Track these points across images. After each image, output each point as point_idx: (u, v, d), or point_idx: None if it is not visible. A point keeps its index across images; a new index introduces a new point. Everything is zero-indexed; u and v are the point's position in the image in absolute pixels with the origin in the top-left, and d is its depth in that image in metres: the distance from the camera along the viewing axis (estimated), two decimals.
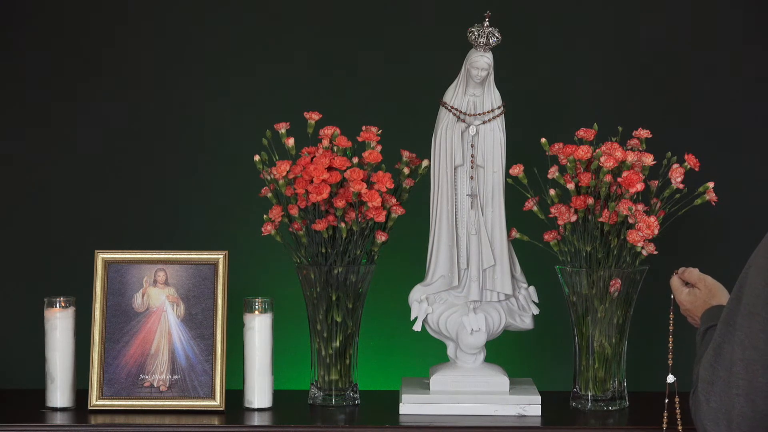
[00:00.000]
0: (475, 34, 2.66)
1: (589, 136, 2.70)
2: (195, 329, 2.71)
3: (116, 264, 2.74)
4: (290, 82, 3.14)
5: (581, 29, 3.14)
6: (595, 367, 2.71)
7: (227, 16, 3.14)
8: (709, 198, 2.68)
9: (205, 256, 2.75)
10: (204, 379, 2.69)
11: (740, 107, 3.14)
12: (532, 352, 3.11)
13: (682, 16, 3.14)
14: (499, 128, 2.69)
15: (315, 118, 2.74)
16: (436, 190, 2.69)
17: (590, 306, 2.69)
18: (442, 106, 2.69)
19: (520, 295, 2.74)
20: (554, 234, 2.71)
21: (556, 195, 2.70)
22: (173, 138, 3.15)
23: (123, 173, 3.14)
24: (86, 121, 3.14)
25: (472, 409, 2.65)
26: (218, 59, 3.14)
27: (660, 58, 3.14)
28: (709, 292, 2.39)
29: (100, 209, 3.14)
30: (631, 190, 2.62)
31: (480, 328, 2.69)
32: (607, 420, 2.64)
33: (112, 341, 2.71)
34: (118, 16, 3.14)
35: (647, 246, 2.62)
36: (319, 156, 2.67)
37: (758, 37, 3.14)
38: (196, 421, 2.61)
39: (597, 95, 3.14)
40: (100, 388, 2.69)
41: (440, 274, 2.70)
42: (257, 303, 2.70)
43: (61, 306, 2.70)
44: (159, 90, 3.14)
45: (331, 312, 2.72)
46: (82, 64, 3.13)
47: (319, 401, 2.75)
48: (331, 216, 2.69)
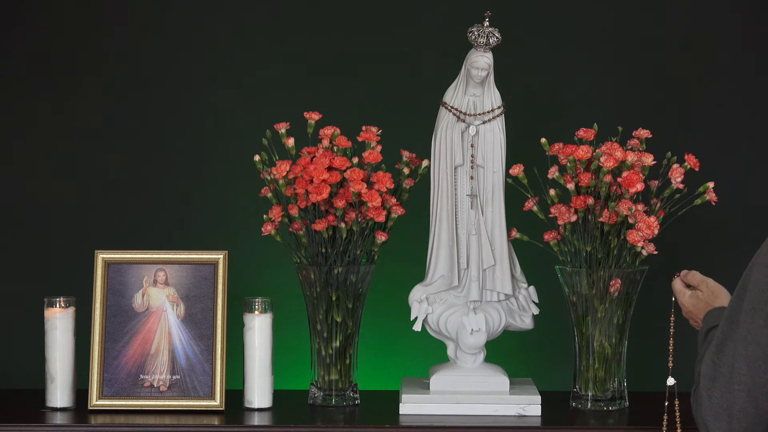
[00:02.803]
0: (475, 34, 2.66)
1: (589, 136, 2.70)
2: (195, 329, 2.71)
3: (116, 264, 2.74)
4: (290, 82, 3.14)
5: (581, 29, 3.14)
6: (595, 367, 2.71)
7: (227, 16, 3.14)
8: (709, 198, 2.68)
9: (205, 256, 2.75)
10: (204, 379, 2.69)
11: (740, 107, 3.14)
12: (532, 352, 3.11)
13: (682, 16, 3.14)
14: (499, 128, 2.69)
15: (315, 118, 2.74)
16: (436, 190, 2.69)
17: (590, 306, 2.69)
18: (442, 106, 2.69)
19: (520, 295, 2.74)
20: (554, 234, 2.71)
21: (556, 195, 2.70)
22: (173, 138, 3.15)
23: (123, 173, 3.14)
24: (86, 120, 3.14)
25: (472, 409, 2.65)
26: (218, 59, 3.14)
27: (660, 58, 3.14)
28: (712, 294, 2.39)
29: (100, 209, 3.14)
30: (631, 190, 2.62)
31: (480, 328, 2.69)
32: (607, 420, 2.64)
33: (112, 341, 2.71)
34: (118, 16, 3.14)
35: (647, 246, 2.62)
36: (319, 156, 2.67)
37: (758, 38, 3.14)
38: (196, 421, 2.61)
39: (597, 95, 3.14)
40: (100, 388, 2.69)
41: (440, 274, 2.70)
42: (257, 303, 2.70)
43: (61, 306, 2.70)
44: (159, 90, 3.14)
45: (331, 312, 2.72)
46: (82, 64, 3.13)
47: (319, 401, 2.75)
48: (331, 216, 2.69)
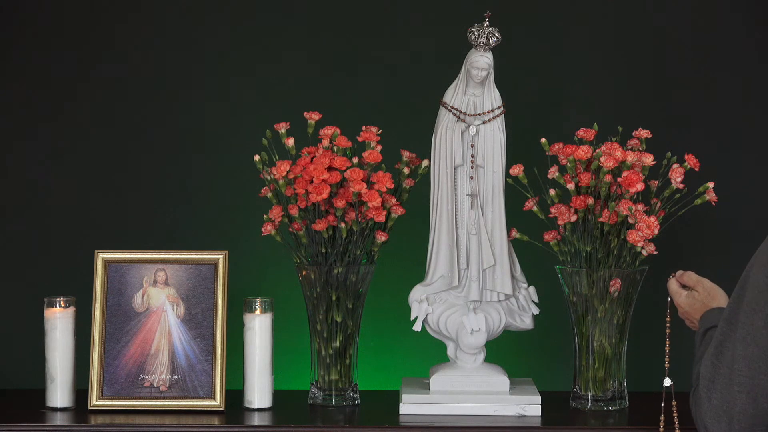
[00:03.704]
0: (475, 34, 2.66)
1: (589, 136, 2.70)
2: (195, 329, 2.71)
3: (116, 264, 2.74)
4: (290, 82, 3.14)
5: (581, 29, 3.14)
6: (595, 367, 2.71)
7: (227, 16, 3.14)
8: (709, 198, 2.68)
9: (205, 256, 2.74)
10: (204, 379, 2.69)
11: (740, 107, 3.14)
12: (532, 352, 3.11)
13: (683, 16, 3.14)
14: (499, 128, 2.69)
15: (315, 118, 2.74)
16: (436, 190, 2.69)
17: (590, 306, 2.69)
18: (442, 106, 2.69)
19: (520, 295, 2.74)
20: (554, 234, 2.71)
21: (556, 195, 2.70)
22: (173, 138, 3.15)
23: (123, 173, 3.14)
24: (86, 120, 3.14)
25: (472, 409, 2.65)
26: (218, 59, 3.14)
27: (660, 58, 3.14)
28: (708, 295, 2.38)
29: (100, 209, 3.14)
30: (631, 190, 2.62)
31: (480, 328, 2.69)
32: (607, 420, 2.64)
33: (112, 341, 2.71)
34: (118, 16, 3.14)
35: (647, 246, 2.62)
36: (319, 156, 2.67)
37: (758, 37, 3.14)
38: (196, 421, 2.61)
39: (597, 95, 3.14)
40: (100, 388, 2.69)
41: (440, 274, 2.70)
42: (257, 303, 2.70)
43: (61, 306, 2.70)
44: (159, 90, 3.14)
45: (331, 312, 2.72)
46: (82, 64, 3.13)
47: (319, 401, 2.75)
48: (331, 216, 2.69)
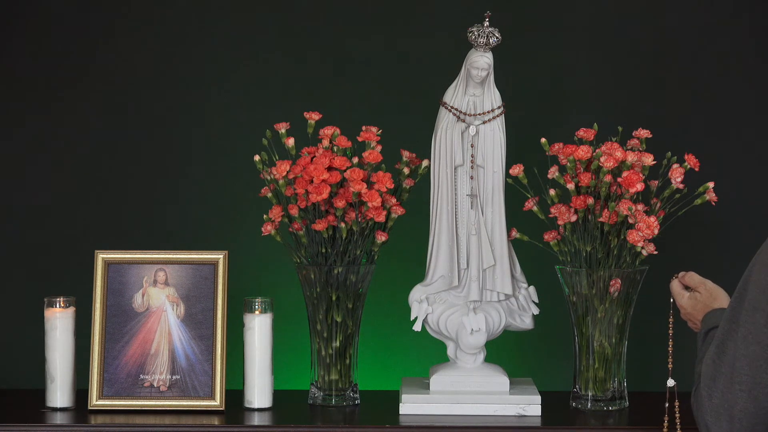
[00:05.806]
0: (475, 34, 2.66)
1: (589, 136, 2.70)
2: (195, 329, 2.71)
3: (116, 264, 2.74)
4: (291, 81, 3.14)
5: (581, 29, 3.14)
6: (595, 367, 2.71)
7: (227, 15, 3.14)
8: (709, 198, 2.68)
9: (205, 256, 2.74)
10: (204, 379, 2.69)
11: (740, 107, 3.14)
12: (532, 352, 3.11)
13: (683, 16, 3.14)
14: (499, 128, 2.69)
15: (315, 118, 2.74)
16: (436, 190, 2.69)
17: (590, 306, 2.69)
18: (442, 106, 2.69)
19: (520, 295, 2.74)
20: (554, 234, 2.71)
21: (556, 195, 2.70)
22: (173, 138, 3.15)
23: (123, 173, 3.14)
24: (86, 120, 3.13)
25: (472, 409, 2.65)
26: (218, 59, 3.14)
27: (660, 58, 3.14)
28: (710, 296, 2.38)
29: (100, 209, 3.14)
30: (631, 190, 2.62)
31: (480, 328, 2.69)
32: (607, 420, 2.64)
33: (112, 341, 2.71)
34: (118, 16, 3.14)
35: (647, 246, 2.62)
36: (319, 156, 2.67)
37: (758, 38, 3.14)
38: (196, 421, 2.61)
39: (597, 95, 3.14)
40: (100, 388, 2.69)
41: (440, 274, 2.70)
42: (257, 303, 2.70)
43: (61, 306, 2.70)
44: (159, 89, 3.14)
45: (331, 312, 2.72)
46: (81, 63, 3.13)
47: (319, 401, 2.75)
48: (331, 216, 2.69)
